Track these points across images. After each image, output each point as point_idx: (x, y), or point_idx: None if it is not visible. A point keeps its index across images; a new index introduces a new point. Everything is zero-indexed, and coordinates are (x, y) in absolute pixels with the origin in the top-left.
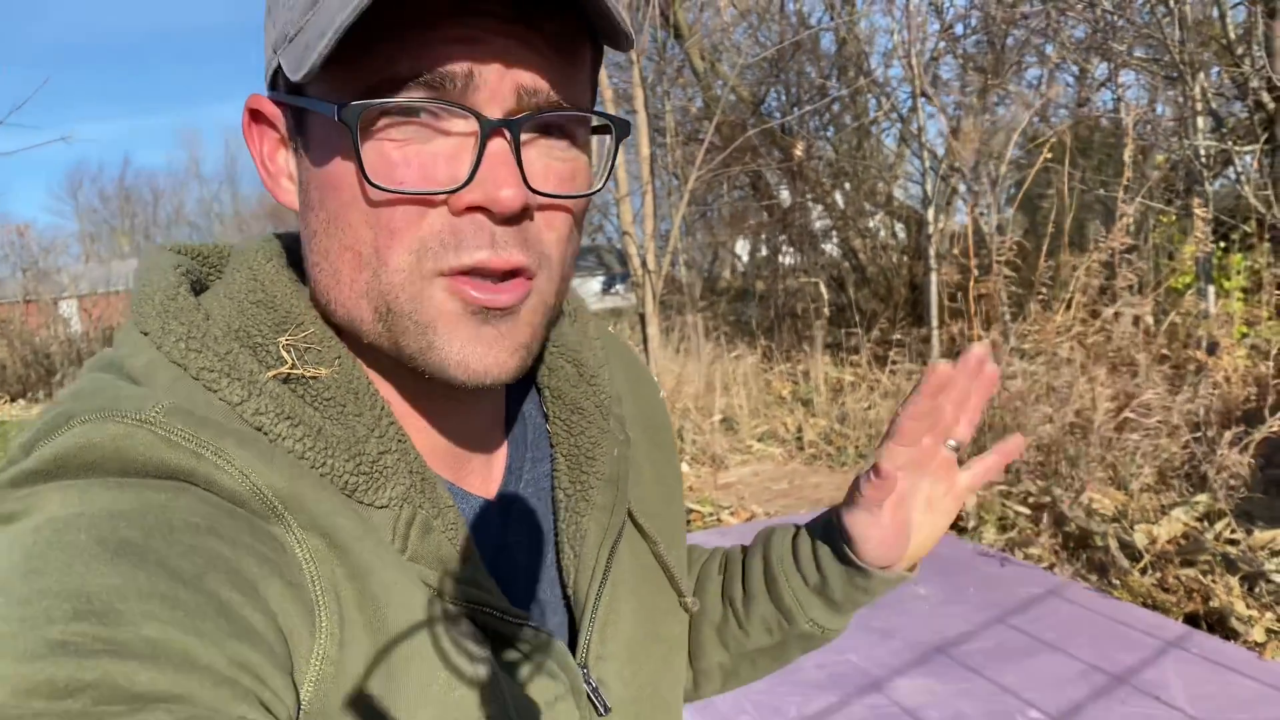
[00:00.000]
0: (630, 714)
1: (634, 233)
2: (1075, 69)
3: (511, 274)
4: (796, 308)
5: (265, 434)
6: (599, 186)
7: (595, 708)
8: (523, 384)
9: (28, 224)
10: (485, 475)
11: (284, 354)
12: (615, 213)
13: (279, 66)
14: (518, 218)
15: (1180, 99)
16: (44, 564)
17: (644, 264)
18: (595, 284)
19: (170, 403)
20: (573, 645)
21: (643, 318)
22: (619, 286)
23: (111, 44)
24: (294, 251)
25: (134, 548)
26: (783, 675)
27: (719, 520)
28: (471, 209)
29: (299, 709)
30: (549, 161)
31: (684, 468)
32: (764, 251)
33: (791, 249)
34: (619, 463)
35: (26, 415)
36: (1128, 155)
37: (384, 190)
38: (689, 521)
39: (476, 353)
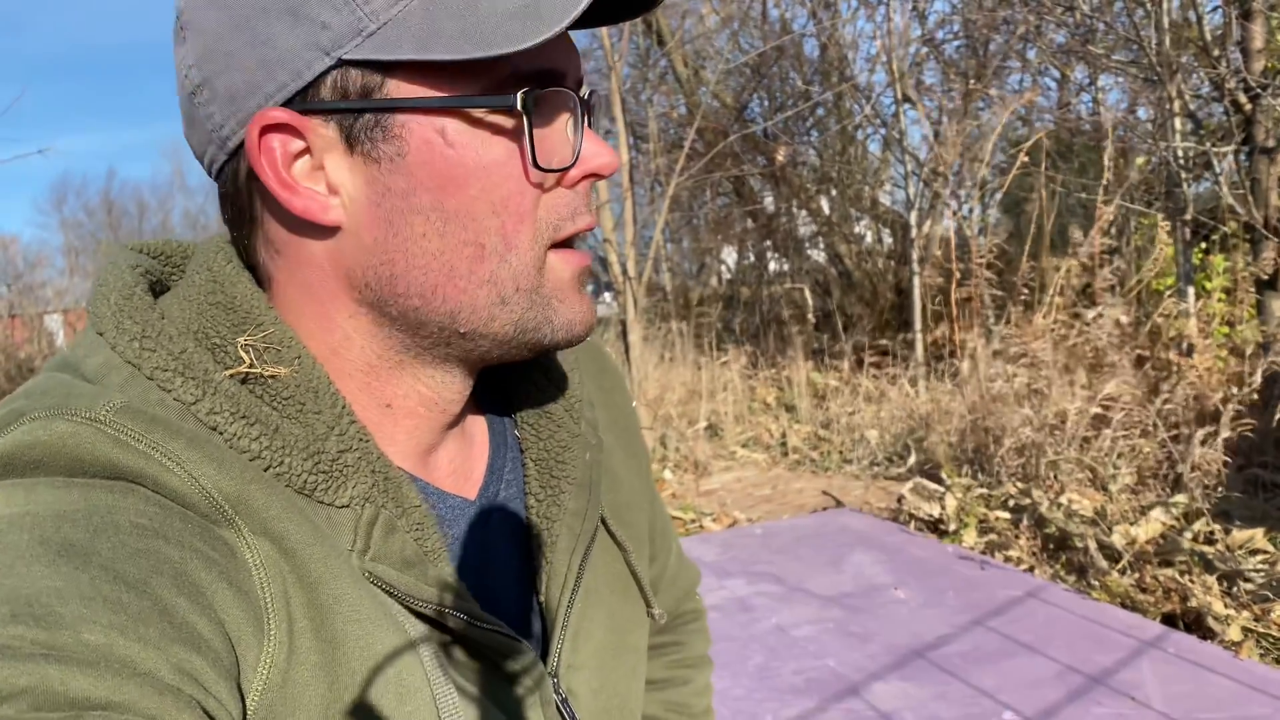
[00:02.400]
0: None
1: (614, 240)
2: (1056, 73)
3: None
4: (782, 314)
5: (220, 433)
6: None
7: (564, 717)
8: (493, 387)
9: (14, 238)
10: (463, 474)
11: (242, 353)
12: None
13: (336, 65)
14: None
15: (1159, 101)
16: None
17: (625, 271)
18: None
19: (122, 402)
20: (543, 653)
21: (624, 325)
22: (605, 295)
23: (95, 56)
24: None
25: (78, 550)
26: (760, 680)
27: (701, 526)
28: (584, 179)
29: (244, 717)
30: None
31: (667, 474)
32: (750, 258)
33: (777, 255)
34: (591, 467)
35: None
36: (1107, 158)
37: (545, 171)
38: None
39: (582, 312)
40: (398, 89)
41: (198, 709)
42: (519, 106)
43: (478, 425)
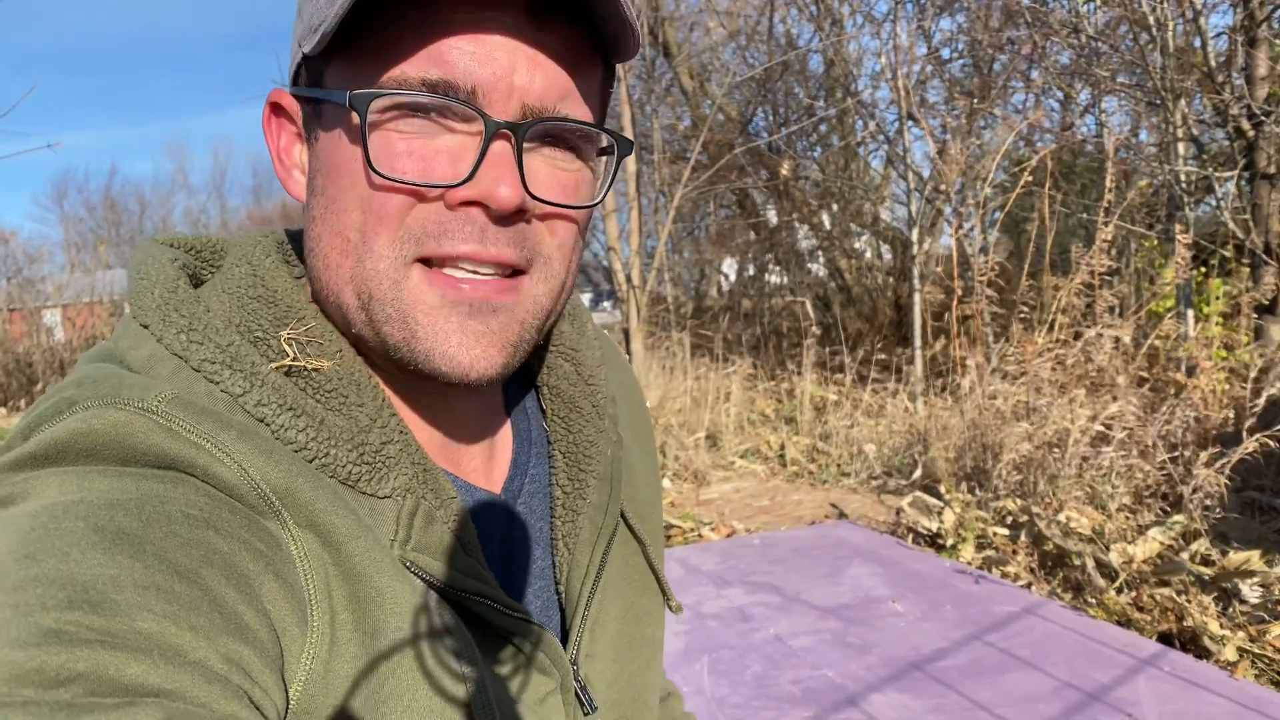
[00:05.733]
0: (614, 714)
1: (619, 248)
2: (1060, 94)
3: (502, 271)
4: (782, 326)
5: (268, 425)
6: (599, 199)
7: (582, 705)
8: (522, 380)
9: (13, 231)
10: (488, 469)
11: (285, 347)
12: (602, 228)
13: (302, 60)
14: (512, 218)
15: (1162, 125)
16: (40, 550)
17: (629, 279)
18: (582, 300)
19: (173, 393)
20: (563, 642)
21: (627, 333)
22: (605, 303)
23: (100, 52)
24: (294, 248)
25: (131, 538)
26: (758, 690)
27: (700, 536)
28: (466, 204)
29: (287, 707)
30: (553, 170)
31: (666, 483)
32: (750, 270)
33: (778, 268)
34: (614, 463)
35: (7, 424)
36: (1109, 180)
37: (384, 178)
38: (669, 537)
39: (464, 345)
40: (330, 80)
41: (245, 698)
42: (347, 104)
43: (502, 421)
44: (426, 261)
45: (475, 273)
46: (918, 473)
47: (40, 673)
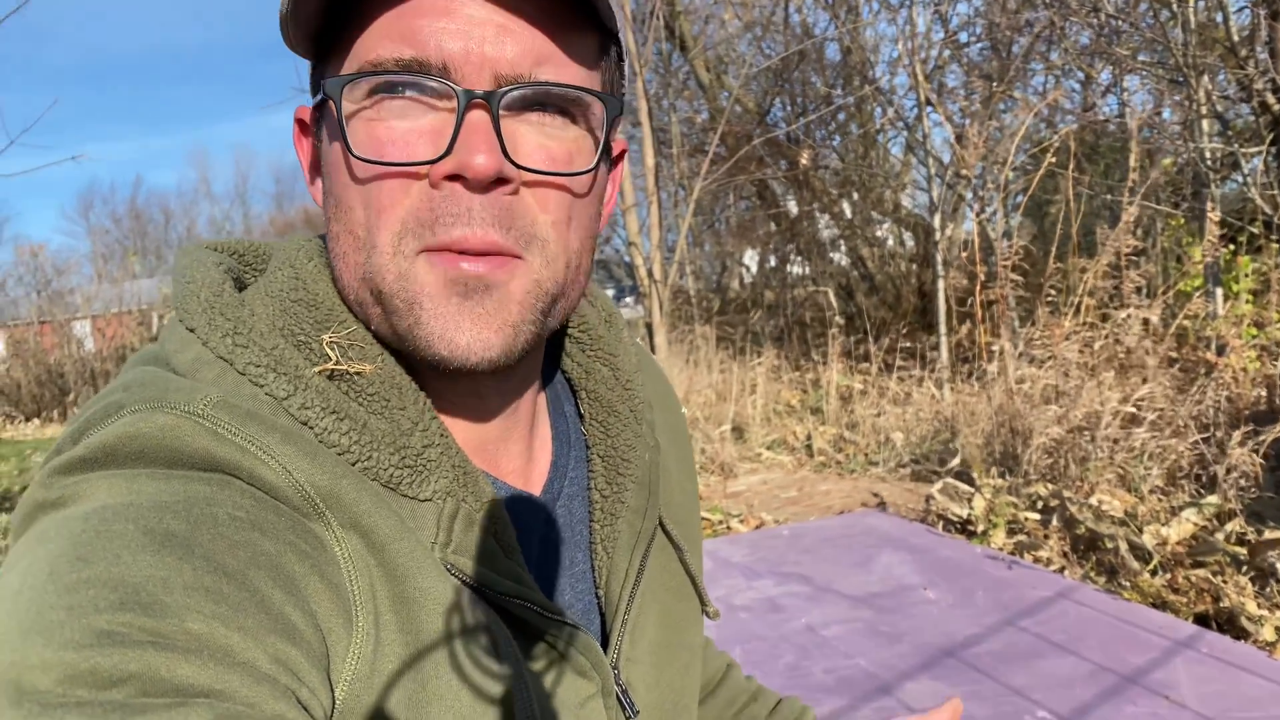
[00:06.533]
0: (655, 718)
1: (640, 243)
2: (1080, 75)
3: (495, 252)
4: (806, 317)
5: (311, 428)
6: (590, 166)
7: (624, 708)
8: (561, 385)
9: (42, 245)
10: (527, 470)
11: (328, 350)
12: (622, 224)
13: (310, 72)
14: (494, 188)
15: (1185, 102)
16: (92, 552)
17: (650, 274)
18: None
19: (218, 396)
20: (603, 646)
21: (649, 328)
22: (628, 299)
23: (122, 65)
24: None
25: (180, 540)
26: (792, 679)
27: (729, 528)
28: (449, 179)
29: (334, 707)
30: (543, 140)
31: None
32: (772, 261)
33: (800, 258)
34: (651, 467)
35: (41, 435)
36: (1133, 159)
37: (366, 162)
38: None
39: (462, 328)
40: (324, 81)
41: (292, 698)
42: (324, 94)
43: (541, 423)
44: (426, 249)
45: (468, 253)
46: (955, 460)
47: (94, 673)
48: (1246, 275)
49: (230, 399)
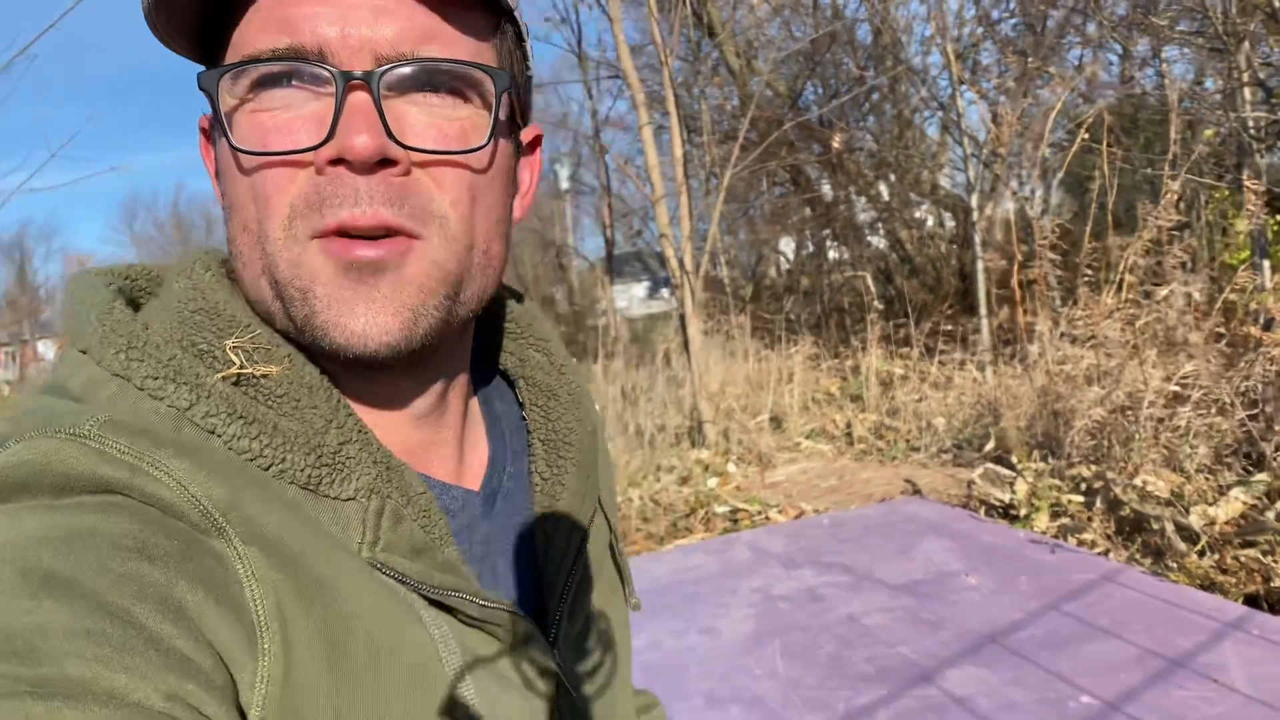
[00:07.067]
0: (594, 696)
1: (671, 234)
2: (1118, 47)
3: (386, 233)
4: (844, 302)
5: (218, 435)
6: (483, 143)
7: (566, 690)
8: (494, 378)
9: (89, 255)
10: (460, 468)
11: (231, 356)
12: (651, 215)
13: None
14: (381, 171)
15: (1227, 71)
16: None
17: (681, 265)
18: (640, 289)
19: (106, 416)
20: (545, 629)
21: (683, 319)
22: (664, 291)
23: (160, 74)
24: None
25: (59, 581)
26: (833, 669)
27: (767, 518)
28: (333, 164)
29: None
30: (432, 120)
31: (731, 467)
32: (809, 247)
33: (836, 243)
34: (590, 450)
35: None
36: (1174, 131)
37: (249, 154)
38: (735, 520)
39: (356, 313)
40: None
41: None
42: (201, 88)
43: (475, 425)
44: (317, 235)
45: (360, 237)
46: (992, 444)
47: None
48: None
49: (118, 417)
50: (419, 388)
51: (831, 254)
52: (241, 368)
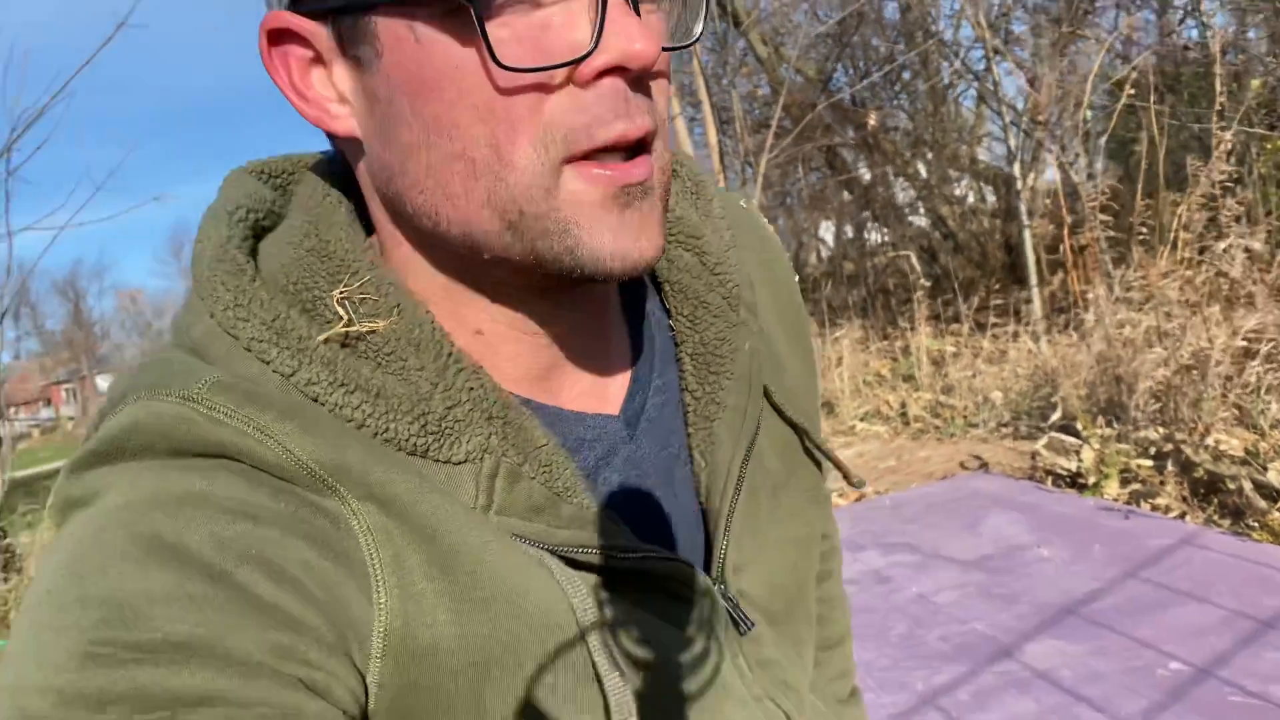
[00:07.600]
0: (771, 622)
1: None
2: (1155, 2)
3: (639, 147)
4: (889, 284)
5: (321, 404)
6: (698, 35)
7: (737, 625)
8: (635, 281)
9: (140, 290)
10: (601, 390)
11: (338, 308)
12: None
13: None
14: (646, 79)
15: (1272, 18)
16: (83, 566)
17: None
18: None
19: (215, 378)
20: (708, 556)
21: None
22: None
23: (199, 105)
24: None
25: (166, 545)
26: (907, 649)
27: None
28: (603, 74)
29: (366, 688)
30: (649, 17)
31: None
32: (849, 231)
33: (877, 224)
34: (752, 359)
35: None
36: (1219, 84)
37: (515, 71)
38: None
39: (629, 238)
40: None
41: (300, 686)
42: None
43: (615, 329)
44: (571, 159)
45: (617, 155)
46: (1057, 414)
47: (84, 697)
48: None
49: (228, 380)
50: (582, 304)
51: (873, 236)
52: (348, 324)
